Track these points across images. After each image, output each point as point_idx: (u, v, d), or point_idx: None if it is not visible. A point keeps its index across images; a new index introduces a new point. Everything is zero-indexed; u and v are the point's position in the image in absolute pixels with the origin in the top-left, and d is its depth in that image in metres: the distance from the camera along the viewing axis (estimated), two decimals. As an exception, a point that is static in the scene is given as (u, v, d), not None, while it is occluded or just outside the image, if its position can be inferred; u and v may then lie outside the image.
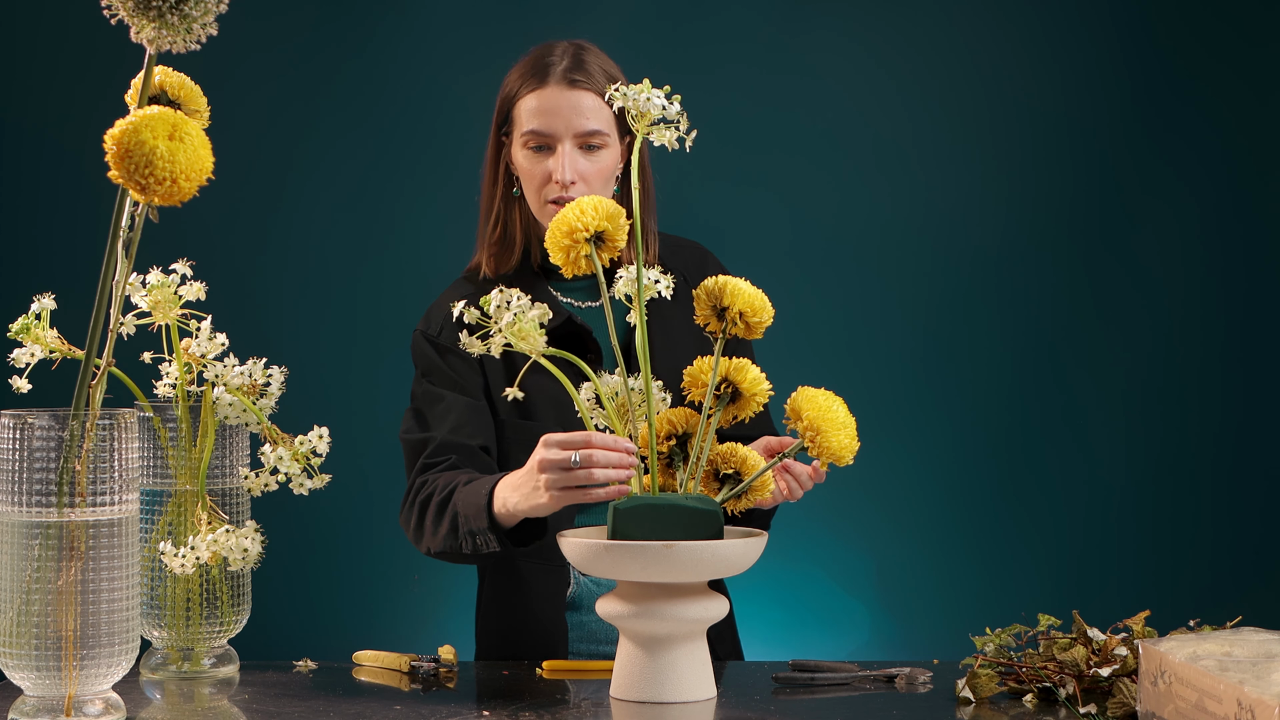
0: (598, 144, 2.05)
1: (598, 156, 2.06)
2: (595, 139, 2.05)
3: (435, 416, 2.07)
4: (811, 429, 1.71)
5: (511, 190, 2.13)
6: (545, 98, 2.05)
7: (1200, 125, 3.54)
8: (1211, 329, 3.57)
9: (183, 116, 1.50)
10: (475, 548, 1.86)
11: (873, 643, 3.51)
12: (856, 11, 3.58)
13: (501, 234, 2.14)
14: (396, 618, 3.51)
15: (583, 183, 2.05)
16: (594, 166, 2.06)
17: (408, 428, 2.10)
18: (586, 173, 2.05)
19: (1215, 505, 3.57)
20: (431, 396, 2.09)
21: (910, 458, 3.54)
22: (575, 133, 2.04)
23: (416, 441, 2.07)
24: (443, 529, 1.92)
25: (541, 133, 2.05)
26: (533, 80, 2.06)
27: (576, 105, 2.04)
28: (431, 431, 2.06)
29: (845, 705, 1.77)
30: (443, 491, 1.94)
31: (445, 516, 1.92)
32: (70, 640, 1.55)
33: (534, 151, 2.07)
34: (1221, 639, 1.59)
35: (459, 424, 2.04)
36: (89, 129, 1.91)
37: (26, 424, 1.56)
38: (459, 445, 2.03)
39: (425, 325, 2.14)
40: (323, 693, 1.80)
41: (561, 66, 2.06)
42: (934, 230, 3.57)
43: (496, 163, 2.13)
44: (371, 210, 3.55)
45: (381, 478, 3.50)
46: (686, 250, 2.21)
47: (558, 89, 2.05)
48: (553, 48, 2.09)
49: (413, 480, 2.05)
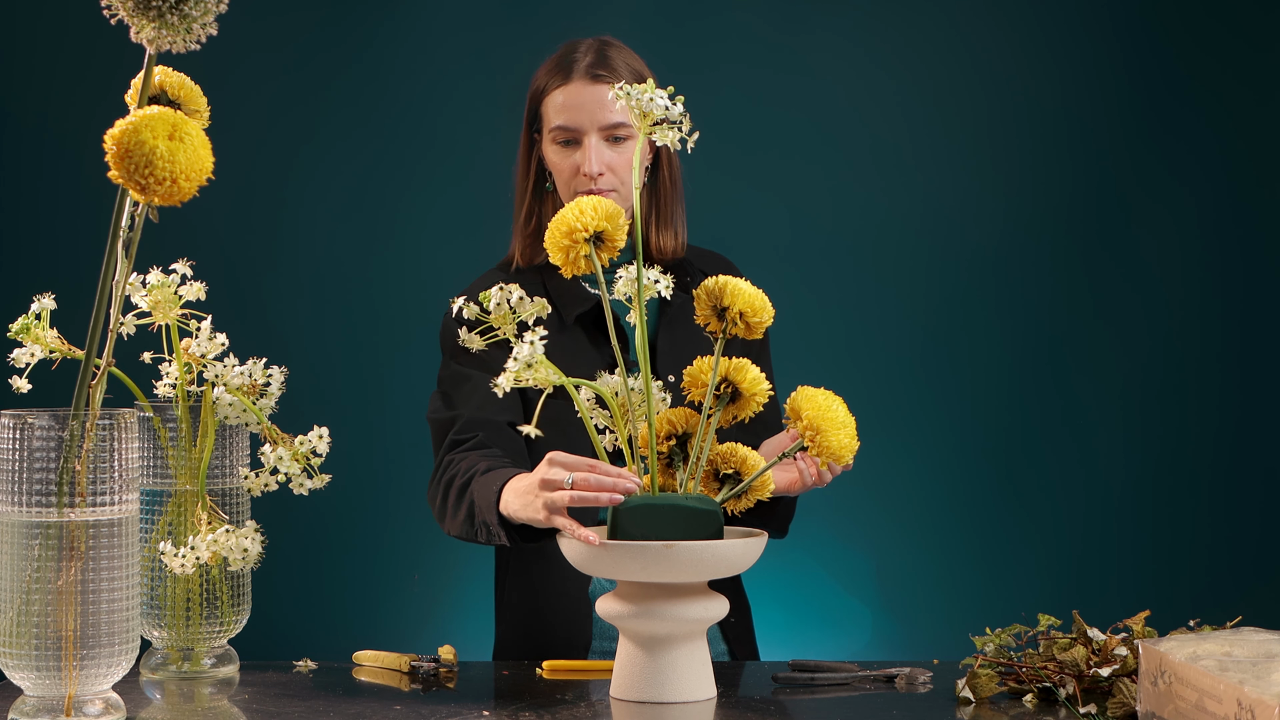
0: (623, 135, 2.11)
1: (624, 148, 2.12)
2: (620, 130, 2.11)
3: (462, 396, 2.10)
4: (811, 428, 1.71)
5: (544, 185, 2.19)
6: (570, 93, 2.12)
7: (1199, 126, 3.54)
8: (1210, 329, 3.57)
9: (183, 116, 1.50)
10: (489, 537, 1.87)
11: (873, 643, 3.51)
12: (855, 12, 3.57)
13: (535, 227, 2.18)
14: (397, 618, 3.51)
15: (610, 173, 2.11)
16: (621, 158, 2.11)
17: (434, 408, 2.12)
18: (614, 164, 2.11)
19: (1215, 505, 3.57)
20: (458, 377, 2.11)
21: (910, 457, 3.54)
22: (600, 126, 2.10)
23: (444, 420, 2.09)
24: (460, 515, 1.94)
25: (568, 127, 2.11)
26: (558, 76, 2.14)
27: (600, 99, 2.10)
28: (458, 410, 2.08)
29: (845, 705, 1.77)
30: (464, 476, 1.95)
31: (463, 503, 1.93)
32: (70, 640, 1.55)
33: (562, 146, 2.13)
34: (1221, 639, 1.59)
35: (485, 401, 2.06)
36: (89, 129, 1.91)
37: (26, 424, 1.56)
38: (486, 421, 2.05)
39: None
40: (323, 693, 1.80)
41: (585, 62, 2.13)
42: (933, 230, 3.57)
43: (529, 158, 2.20)
44: (372, 210, 3.55)
45: (382, 478, 3.51)
46: (712, 260, 2.27)
47: (582, 84, 2.11)
48: (578, 44, 2.16)
49: (440, 458, 2.06)
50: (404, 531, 3.54)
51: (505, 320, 1.74)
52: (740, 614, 2.20)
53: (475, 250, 3.51)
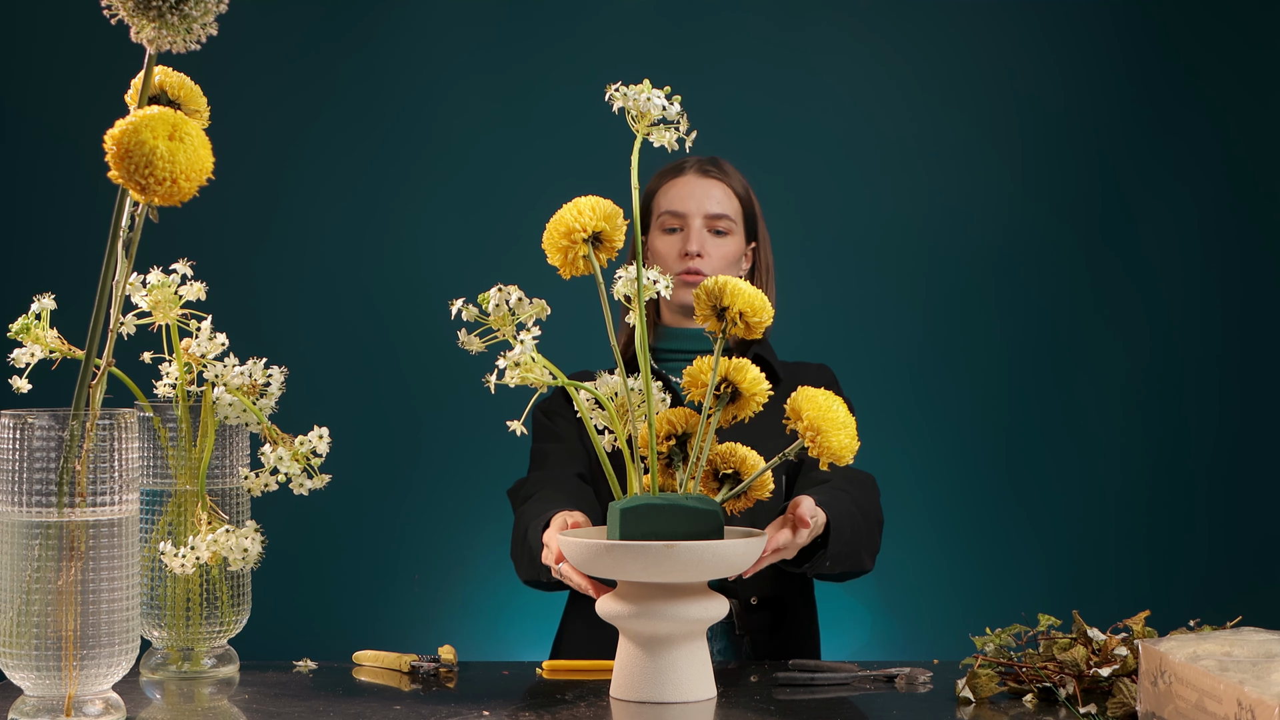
0: (724, 229, 2.27)
1: (724, 241, 2.27)
2: (721, 223, 2.27)
3: (535, 465, 2.26)
4: (811, 429, 1.71)
5: None
6: (680, 185, 2.29)
7: (1201, 126, 3.54)
8: (1210, 329, 3.57)
9: (183, 116, 1.50)
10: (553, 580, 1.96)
11: (873, 643, 3.51)
12: (858, 10, 3.58)
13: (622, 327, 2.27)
14: (396, 618, 3.52)
15: (709, 259, 2.24)
16: (719, 250, 2.26)
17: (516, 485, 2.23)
18: (713, 253, 2.24)
19: (1215, 504, 3.57)
20: (536, 454, 2.27)
21: (910, 458, 3.54)
22: (705, 213, 2.26)
23: (517, 487, 2.21)
24: (524, 562, 2.05)
25: (676, 213, 2.27)
26: (670, 174, 2.31)
27: (707, 191, 2.28)
28: (529, 475, 2.23)
29: (845, 705, 1.77)
30: (520, 526, 2.07)
31: (525, 550, 2.03)
32: (70, 640, 1.55)
33: (667, 234, 2.28)
34: (1221, 639, 1.59)
35: (555, 462, 2.22)
36: (89, 129, 1.91)
37: (26, 424, 1.56)
38: (550, 478, 2.17)
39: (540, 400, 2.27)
40: (323, 693, 1.80)
41: (695, 161, 2.31)
42: (934, 230, 3.58)
43: None
44: (372, 209, 3.55)
45: (382, 478, 3.51)
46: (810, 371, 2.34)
47: (692, 177, 2.29)
48: (688, 157, 2.30)
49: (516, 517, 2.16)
50: (404, 532, 3.54)
51: (505, 322, 1.74)
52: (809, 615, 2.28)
53: (475, 249, 3.53)
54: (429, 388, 3.52)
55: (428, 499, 3.55)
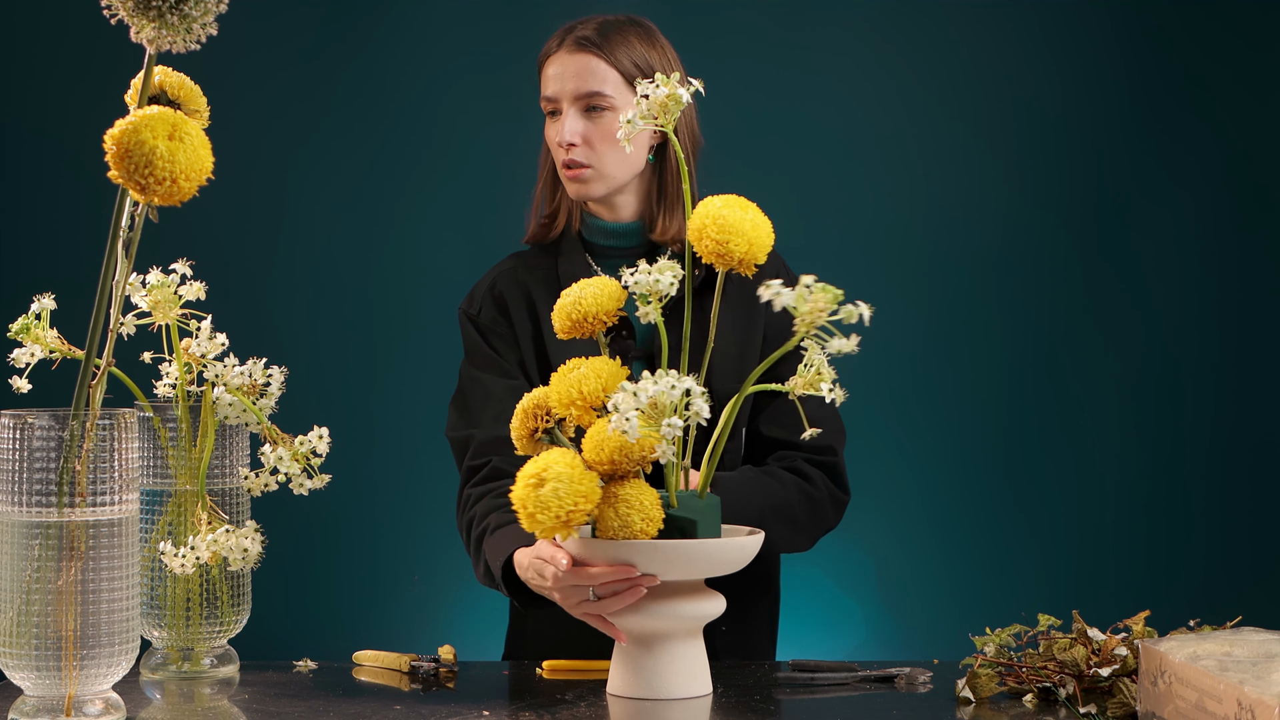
0: (601, 105, 2.03)
1: (601, 119, 2.04)
2: (596, 99, 2.03)
3: (475, 407, 2.08)
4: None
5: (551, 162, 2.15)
6: (555, 63, 2.06)
7: (1199, 129, 3.54)
8: (1208, 330, 3.57)
9: (183, 116, 1.50)
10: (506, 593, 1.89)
11: (872, 643, 3.51)
12: (859, 10, 3.57)
13: (545, 203, 2.17)
14: (396, 618, 3.51)
15: (586, 146, 2.05)
16: (597, 129, 2.04)
17: (452, 424, 2.11)
18: (589, 135, 2.04)
19: (1213, 504, 3.57)
20: (472, 382, 2.10)
21: (910, 458, 3.54)
22: (576, 95, 2.04)
23: (460, 440, 2.08)
24: (480, 568, 1.96)
25: (550, 98, 2.06)
26: (553, 45, 2.08)
27: (580, 68, 2.03)
28: (472, 428, 2.07)
29: (845, 705, 1.77)
30: (478, 528, 1.96)
31: (480, 558, 1.95)
32: (70, 640, 1.55)
33: (550, 117, 2.09)
34: (1221, 639, 1.59)
35: (499, 413, 2.03)
36: (89, 129, 1.91)
37: (26, 424, 1.56)
38: (498, 441, 2.02)
39: (468, 304, 2.16)
40: (323, 693, 1.80)
41: (576, 33, 2.05)
42: (933, 231, 3.57)
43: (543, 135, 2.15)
44: (372, 209, 3.54)
45: (382, 478, 3.51)
46: None
47: (565, 53, 2.05)
48: (589, 18, 2.08)
49: (461, 488, 2.07)
50: (404, 532, 3.54)
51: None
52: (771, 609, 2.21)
53: (475, 248, 3.53)
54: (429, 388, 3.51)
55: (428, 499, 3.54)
